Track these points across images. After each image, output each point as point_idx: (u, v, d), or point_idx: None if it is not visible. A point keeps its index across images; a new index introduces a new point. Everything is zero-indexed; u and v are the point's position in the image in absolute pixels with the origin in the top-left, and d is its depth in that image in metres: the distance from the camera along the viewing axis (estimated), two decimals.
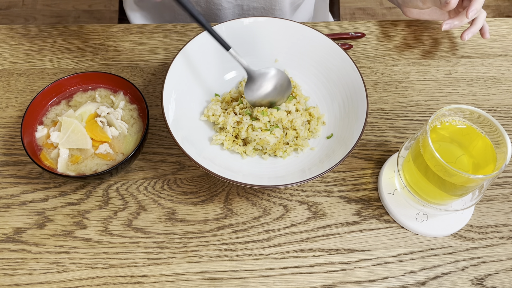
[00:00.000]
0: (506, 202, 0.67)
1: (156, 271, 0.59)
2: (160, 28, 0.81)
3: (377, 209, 0.65)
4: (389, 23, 0.85)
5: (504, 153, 0.55)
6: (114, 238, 0.61)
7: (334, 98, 0.71)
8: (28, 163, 0.66)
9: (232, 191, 0.66)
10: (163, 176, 0.67)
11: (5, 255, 0.60)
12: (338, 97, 0.70)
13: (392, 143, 0.71)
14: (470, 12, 0.72)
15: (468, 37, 0.76)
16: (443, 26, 0.75)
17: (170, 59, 0.78)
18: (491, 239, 0.64)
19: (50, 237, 0.61)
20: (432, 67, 0.80)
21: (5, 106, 0.71)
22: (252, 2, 0.88)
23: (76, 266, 0.59)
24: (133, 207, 0.64)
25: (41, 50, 0.78)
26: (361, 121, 0.63)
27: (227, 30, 0.71)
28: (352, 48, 0.82)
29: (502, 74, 0.80)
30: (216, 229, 0.63)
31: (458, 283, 0.60)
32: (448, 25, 0.75)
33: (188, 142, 0.62)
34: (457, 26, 0.76)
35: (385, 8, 2.01)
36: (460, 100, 0.77)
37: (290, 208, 0.65)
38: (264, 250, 0.62)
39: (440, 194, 0.59)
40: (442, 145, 0.59)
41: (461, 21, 0.76)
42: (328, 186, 0.67)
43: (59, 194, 0.64)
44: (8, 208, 0.63)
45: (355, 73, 0.68)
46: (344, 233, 0.63)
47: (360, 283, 0.60)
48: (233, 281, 0.59)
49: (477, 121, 0.58)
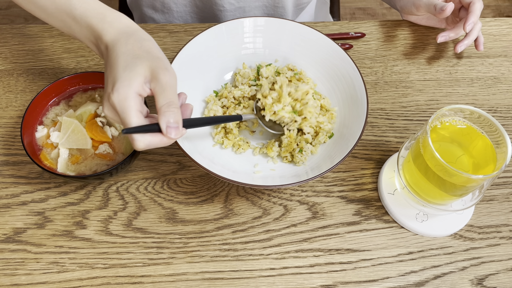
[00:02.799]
0: (506, 202, 0.67)
1: (156, 271, 0.59)
2: (160, 28, 0.81)
3: (377, 209, 0.65)
4: (389, 23, 0.85)
5: (504, 153, 0.55)
6: (114, 238, 0.61)
7: (334, 98, 0.71)
8: (28, 163, 0.66)
9: (232, 191, 0.66)
10: (163, 176, 0.67)
11: (5, 255, 0.60)
12: (338, 97, 0.70)
13: (392, 143, 0.71)
14: (467, 25, 0.73)
15: (462, 49, 0.76)
16: (438, 38, 0.77)
17: (170, 59, 0.78)
18: (491, 239, 0.64)
19: (50, 237, 0.61)
20: (432, 67, 0.80)
21: (5, 106, 0.71)
22: (254, 3, 0.88)
23: (76, 266, 0.59)
24: (133, 207, 0.64)
25: (41, 50, 0.78)
26: (361, 121, 0.63)
27: (227, 30, 0.71)
28: (352, 48, 0.82)
29: (502, 74, 0.80)
30: (216, 229, 0.63)
31: (458, 283, 0.60)
32: (444, 38, 0.77)
33: (188, 142, 0.62)
34: (452, 38, 0.78)
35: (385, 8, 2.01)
36: (460, 100, 0.77)
37: (290, 208, 0.65)
38: (264, 250, 0.62)
39: (440, 194, 0.59)
40: (442, 145, 0.59)
41: (457, 33, 0.78)
42: (328, 186, 0.67)
43: (59, 194, 0.64)
44: (8, 208, 0.63)
45: (355, 73, 0.68)
46: (344, 233, 0.63)
47: (360, 283, 0.60)
48: (233, 281, 0.59)
49: (477, 121, 0.58)
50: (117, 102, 0.49)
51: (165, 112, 0.49)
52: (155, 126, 0.49)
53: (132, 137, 0.49)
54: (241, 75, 0.72)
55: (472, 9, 0.73)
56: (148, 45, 0.53)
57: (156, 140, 0.50)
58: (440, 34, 0.77)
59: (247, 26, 0.72)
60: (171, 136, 0.49)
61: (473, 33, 0.76)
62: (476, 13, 0.73)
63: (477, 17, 0.74)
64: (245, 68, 0.73)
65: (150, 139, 0.49)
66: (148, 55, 0.51)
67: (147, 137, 0.49)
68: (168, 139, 0.50)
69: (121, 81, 0.49)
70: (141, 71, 0.50)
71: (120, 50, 0.52)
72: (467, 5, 0.75)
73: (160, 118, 0.49)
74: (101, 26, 0.54)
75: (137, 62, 0.50)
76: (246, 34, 0.73)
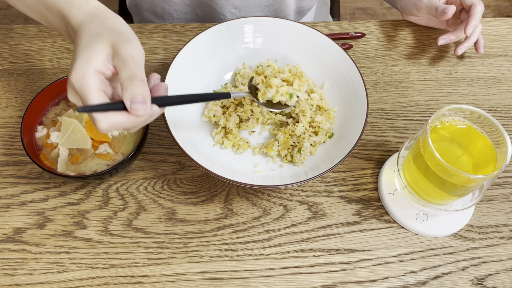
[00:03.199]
0: (506, 202, 0.67)
1: (156, 271, 0.59)
2: (160, 28, 0.81)
3: (377, 209, 0.65)
4: (389, 23, 0.85)
5: (504, 153, 0.55)
6: (114, 238, 0.61)
7: (334, 98, 0.71)
8: (28, 163, 0.66)
9: (232, 191, 0.66)
10: (163, 176, 0.67)
11: (5, 255, 0.60)
12: (338, 97, 0.70)
13: (392, 143, 0.71)
14: (468, 29, 0.73)
15: (462, 52, 0.77)
16: (439, 41, 0.77)
17: (170, 59, 0.78)
18: (491, 239, 0.64)
19: (50, 237, 0.61)
20: (432, 67, 0.80)
21: (5, 106, 0.71)
22: (255, 12, 0.89)
23: (76, 266, 0.59)
24: (133, 207, 0.64)
25: (41, 50, 0.78)
26: (361, 121, 0.63)
27: (227, 30, 0.71)
28: (352, 48, 0.82)
29: (502, 74, 0.80)
30: (216, 229, 0.63)
31: (458, 283, 0.60)
32: (444, 40, 0.78)
33: (188, 142, 0.62)
34: (453, 41, 0.78)
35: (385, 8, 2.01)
36: (460, 100, 0.77)
37: (290, 208, 0.65)
38: (264, 250, 0.62)
39: (440, 194, 0.59)
40: (442, 145, 0.59)
41: (457, 36, 0.78)
42: (328, 186, 0.67)
43: (59, 194, 0.64)
44: (8, 208, 0.63)
45: (355, 73, 0.68)
46: (344, 233, 0.63)
47: (360, 283, 0.60)
48: (233, 281, 0.59)
49: (477, 121, 0.58)
50: (75, 81, 0.44)
51: (127, 86, 0.44)
52: (119, 104, 0.44)
53: (93, 117, 0.44)
54: (241, 75, 0.72)
55: (473, 12, 0.74)
56: (112, 22, 0.48)
57: (121, 119, 0.44)
58: (441, 37, 0.77)
59: (247, 26, 0.72)
60: (138, 112, 0.44)
61: (474, 35, 0.76)
62: (477, 16, 0.73)
63: (478, 20, 0.74)
64: (245, 68, 0.73)
65: (113, 118, 0.44)
66: (110, 31, 0.47)
67: (109, 116, 0.44)
68: (135, 117, 0.44)
69: (79, 60, 0.45)
70: (101, 48, 0.45)
71: (83, 31, 0.48)
72: (468, 8, 0.75)
73: (123, 93, 0.44)
74: (69, 11, 0.50)
75: (96, 40, 0.46)
76: (246, 34, 0.73)
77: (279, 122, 0.69)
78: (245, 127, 0.69)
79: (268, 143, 0.67)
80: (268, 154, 0.66)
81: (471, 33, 0.74)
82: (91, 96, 0.44)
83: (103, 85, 0.46)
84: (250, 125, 0.69)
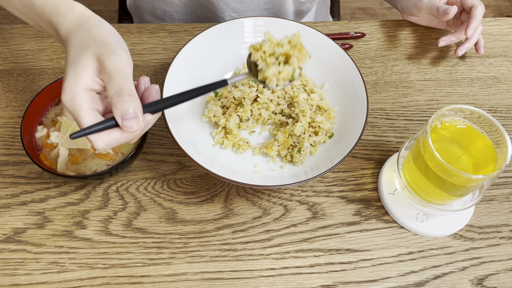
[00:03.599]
0: (506, 202, 0.67)
1: (156, 271, 0.59)
2: (160, 28, 0.81)
3: (377, 209, 0.65)
4: (389, 23, 0.85)
5: (504, 153, 0.55)
6: (114, 238, 0.61)
7: (334, 98, 0.71)
8: (28, 163, 0.66)
9: (232, 191, 0.66)
10: (163, 176, 0.67)
11: (5, 255, 0.60)
12: (338, 97, 0.70)
13: (392, 143, 0.71)
14: (469, 30, 0.74)
15: (462, 53, 0.77)
16: (439, 42, 0.77)
17: (170, 59, 0.78)
18: (491, 239, 0.64)
19: (50, 237, 0.61)
20: (432, 67, 0.80)
21: (5, 106, 0.71)
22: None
23: (76, 266, 0.59)
24: (133, 207, 0.64)
25: (41, 50, 0.78)
26: (361, 121, 0.63)
27: (227, 30, 0.71)
28: (352, 48, 0.81)
29: (502, 74, 0.80)
30: (216, 229, 0.63)
31: (458, 283, 0.60)
32: (445, 42, 0.78)
33: (188, 142, 0.62)
34: (454, 42, 0.78)
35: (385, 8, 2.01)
36: (460, 100, 0.77)
37: (290, 208, 0.65)
38: (264, 250, 0.62)
39: (440, 194, 0.59)
40: (442, 145, 0.59)
41: (458, 37, 0.78)
42: (328, 186, 0.67)
43: (59, 194, 0.64)
44: (8, 208, 0.63)
45: (355, 73, 0.68)
46: (344, 233, 0.63)
47: (360, 283, 0.60)
48: (233, 281, 0.59)
49: (477, 121, 0.58)
50: (67, 102, 0.44)
51: (116, 103, 0.43)
52: (111, 121, 0.43)
53: (88, 139, 0.44)
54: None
55: (474, 14, 0.74)
56: (96, 31, 0.47)
57: (115, 136, 0.44)
58: (442, 38, 0.77)
59: (247, 26, 0.72)
60: (131, 129, 0.43)
61: (474, 37, 0.76)
62: (478, 18, 0.73)
63: (479, 21, 0.74)
64: (245, 68, 0.73)
65: (108, 137, 0.44)
66: (94, 42, 0.46)
67: (103, 135, 0.43)
68: (129, 133, 0.44)
69: (67, 79, 0.44)
70: (87, 63, 0.44)
71: (71, 44, 0.47)
72: (468, 9, 0.75)
73: (113, 110, 0.43)
74: (56, 20, 0.49)
75: (82, 54, 0.45)
76: (246, 34, 0.73)
77: (279, 122, 0.69)
78: (245, 127, 0.69)
79: (268, 143, 0.67)
80: (268, 154, 0.66)
81: (471, 34, 0.74)
82: (83, 117, 0.44)
83: (94, 102, 0.45)
84: (250, 125, 0.69)
